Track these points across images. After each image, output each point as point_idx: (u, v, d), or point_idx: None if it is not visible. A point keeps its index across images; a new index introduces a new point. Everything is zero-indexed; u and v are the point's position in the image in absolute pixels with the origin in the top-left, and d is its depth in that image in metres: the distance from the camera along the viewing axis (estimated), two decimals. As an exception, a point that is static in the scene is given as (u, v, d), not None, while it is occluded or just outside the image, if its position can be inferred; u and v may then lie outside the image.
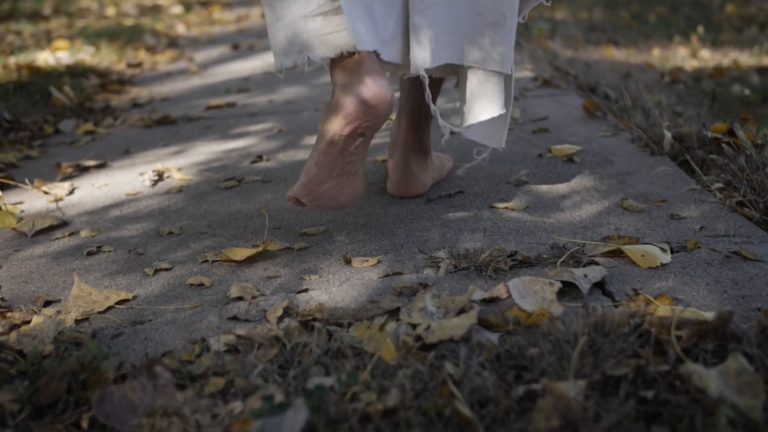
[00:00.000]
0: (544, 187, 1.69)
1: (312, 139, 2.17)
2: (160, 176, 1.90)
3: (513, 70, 1.52)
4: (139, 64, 3.54)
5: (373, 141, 2.11)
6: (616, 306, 1.15)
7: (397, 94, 2.13)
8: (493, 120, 1.57)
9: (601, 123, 2.15)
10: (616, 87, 2.58)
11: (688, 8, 6.70)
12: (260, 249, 1.42)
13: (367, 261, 1.37)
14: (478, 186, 1.72)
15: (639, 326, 1.06)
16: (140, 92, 2.99)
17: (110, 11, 5.51)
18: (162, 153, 2.14)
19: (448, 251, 1.38)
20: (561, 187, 1.68)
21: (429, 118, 1.69)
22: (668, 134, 1.88)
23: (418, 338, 1.09)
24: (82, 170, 2.03)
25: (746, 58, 3.78)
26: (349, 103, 1.31)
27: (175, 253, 1.47)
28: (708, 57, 4.08)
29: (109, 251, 1.50)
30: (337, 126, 1.34)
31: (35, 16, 5.32)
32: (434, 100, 1.69)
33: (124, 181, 1.91)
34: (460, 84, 1.54)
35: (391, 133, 1.72)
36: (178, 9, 5.50)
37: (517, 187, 1.69)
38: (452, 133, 1.78)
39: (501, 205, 1.59)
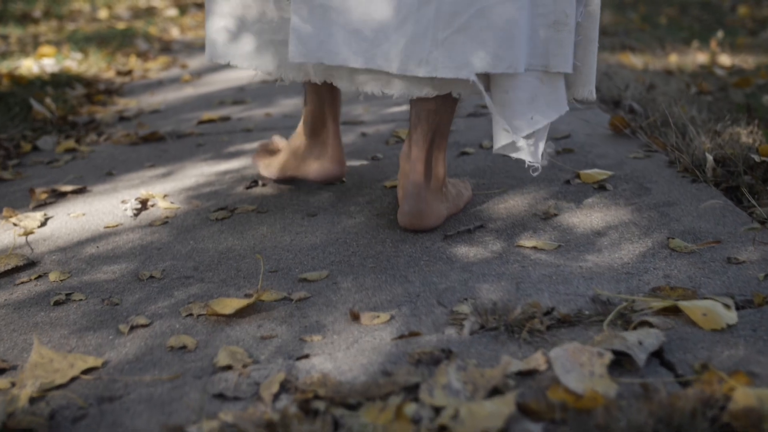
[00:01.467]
0: (576, 221, 1.49)
1: (313, 160, 1.97)
2: (144, 205, 1.71)
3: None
4: (129, 72, 3.34)
5: (381, 163, 1.91)
6: (681, 383, 0.96)
7: (400, 109, 1.96)
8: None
9: (631, 142, 1.96)
10: (641, 100, 2.38)
11: (698, 10, 6.52)
12: (253, 300, 1.22)
13: (377, 317, 1.18)
14: (501, 219, 1.52)
15: (717, 419, 0.86)
16: (128, 103, 2.79)
17: (102, 14, 5.31)
18: (148, 175, 1.94)
19: (472, 305, 1.18)
20: (595, 221, 1.48)
21: (445, 137, 1.50)
22: (710, 157, 1.68)
23: (444, 429, 0.89)
24: (59, 196, 1.83)
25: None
26: (308, 172, 1.71)
27: (156, 303, 1.27)
28: (728, 62, 3.88)
29: (80, 300, 1.30)
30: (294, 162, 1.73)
31: (25, 19, 5.13)
32: (451, 121, 1.49)
33: (103, 210, 1.72)
34: (497, 94, 1.38)
35: (401, 157, 1.52)
36: (173, 12, 5.30)
37: (546, 221, 1.50)
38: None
39: (528, 244, 1.39)
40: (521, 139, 1.41)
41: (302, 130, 1.72)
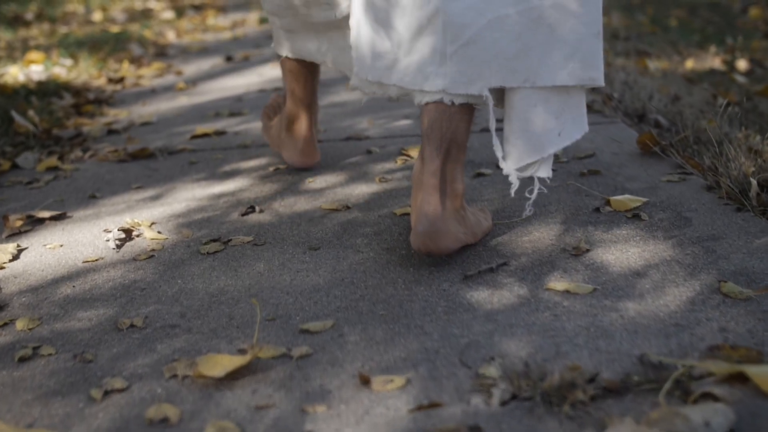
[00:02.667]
0: (611, 258, 1.32)
1: (314, 181, 1.81)
2: (128, 235, 1.54)
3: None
4: (120, 79, 3.18)
5: (389, 186, 1.75)
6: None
7: (408, 122, 1.82)
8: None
9: (663, 162, 1.79)
10: (667, 113, 2.22)
11: (707, 11, 6.36)
12: (248, 358, 1.06)
13: (391, 380, 1.01)
14: (526, 255, 1.36)
15: None
16: (119, 114, 2.63)
17: (97, 16, 5.14)
18: (134, 199, 1.78)
19: (501, 366, 1.02)
20: (632, 258, 1.32)
21: (462, 150, 1.34)
22: (754, 182, 1.52)
23: None
24: (36, 223, 1.67)
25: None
26: (284, 157, 1.89)
27: (135, 359, 1.11)
28: (746, 68, 3.72)
29: (49, 355, 1.14)
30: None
31: (16, 22, 4.97)
32: (468, 130, 1.34)
33: (83, 241, 1.55)
34: (521, 108, 1.28)
35: (414, 173, 1.35)
36: (169, 14, 5.14)
37: (576, 258, 1.33)
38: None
39: (559, 287, 1.23)
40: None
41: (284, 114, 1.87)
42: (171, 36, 4.44)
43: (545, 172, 1.35)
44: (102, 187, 1.88)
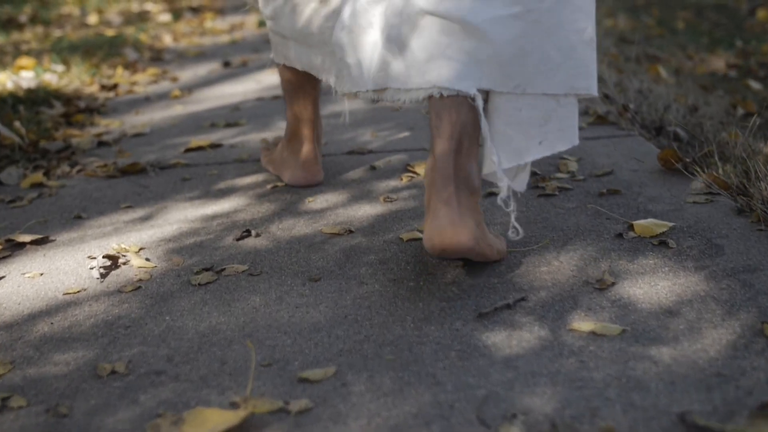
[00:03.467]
0: (639, 293, 1.21)
1: (316, 201, 1.70)
2: (114, 262, 1.43)
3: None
4: (114, 86, 3.06)
5: (395, 207, 1.64)
6: None
7: (413, 133, 1.70)
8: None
9: (686, 181, 1.68)
10: (686, 124, 2.11)
11: (714, 13, 6.26)
12: (241, 415, 0.95)
13: (401, 443, 0.90)
14: (545, 288, 1.25)
15: None
16: (110, 125, 2.52)
17: (92, 19, 5.03)
18: (123, 220, 1.67)
19: (524, 424, 0.91)
20: (663, 293, 1.21)
21: (474, 143, 1.25)
22: (789, 206, 1.41)
23: None
24: (15, 247, 1.55)
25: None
26: (284, 177, 1.80)
27: (115, 413, 1.00)
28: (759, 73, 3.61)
29: (19, 408, 1.03)
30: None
31: (9, 24, 4.85)
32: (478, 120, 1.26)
33: (66, 269, 1.44)
34: (506, 112, 1.24)
35: (426, 171, 1.26)
36: (166, 17, 5.02)
37: (601, 293, 1.22)
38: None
39: (585, 327, 1.12)
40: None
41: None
42: (167, 40, 4.33)
43: (519, 186, 1.32)
44: (89, 206, 1.77)
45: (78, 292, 1.34)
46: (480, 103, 1.21)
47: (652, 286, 1.23)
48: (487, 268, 1.32)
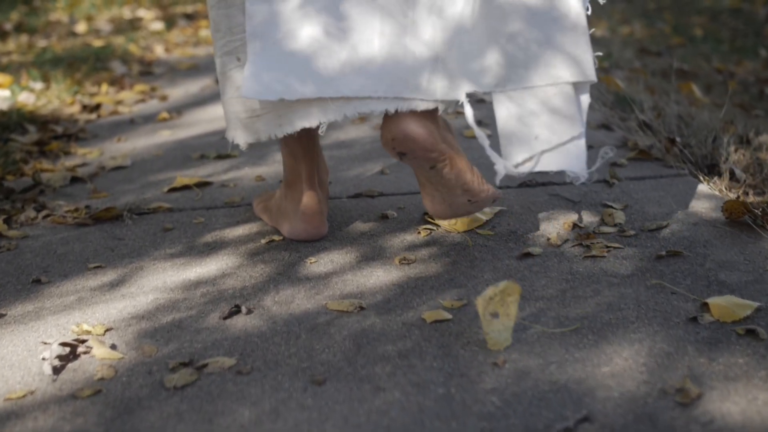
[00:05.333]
0: (736, 412, 0.95)
1: (319, 262, 1.43)
2: (73, 352, 1.17)
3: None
4: (96, 107, 2.79)
5: (413, 271, 1.37)
6: None
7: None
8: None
9: (760, 238, 1.41)
10: (739, 161, 1.84)
11: (730, 18, 6.01)
12: None
13: None
14: (611, 400, 0.98)
15: None
16: (88, 154, 2.25)
17: (81, 27, 4.75)
18: (89, 286, 1.40)
19: None
20: (766, 413, 0.94)
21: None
22: None
23: None
24: (-43, 326, 1.29)
25: None
26: (282, 229, 1.52)
27: None
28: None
29: None
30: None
31: (-6, 33, 4.59)
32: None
33: (13, 359, 1.17)
34: (497, 110, 1.27)
35: None
36: (158, 25, 4.75)
37: (685, 410, 0.95)
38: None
39: (673, 467, 0.85)
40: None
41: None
42: (159, 50, 4.06)
43: (578, 165, 1.29)
44: (52, 265, 1.50)
45: (23, 396, 1.08)
46: (469, 111, 1.28)
47: (750, 401, 0.97)
48: (534, 368, 1.06)
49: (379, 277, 1.36)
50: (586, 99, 1.27)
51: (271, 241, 1.53)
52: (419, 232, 1.53)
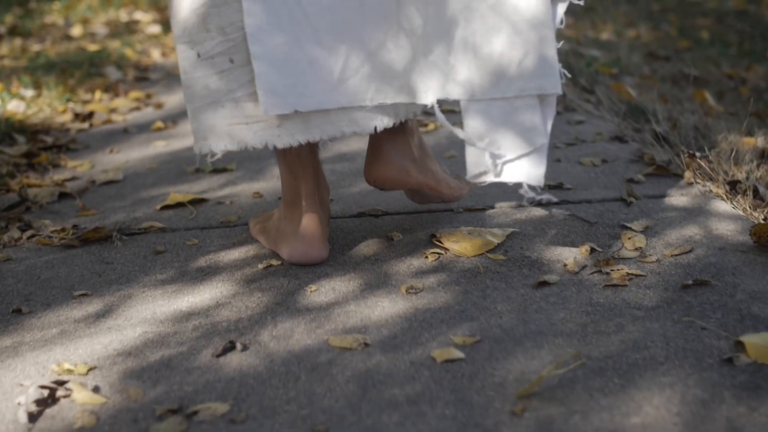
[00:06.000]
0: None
1: (320, 291, 1.34)
2: (51, 396, 1.07)
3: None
4: (89, 115, 2.70)
5: (421, 302, 1.28)
6: None
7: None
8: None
9: (792, 266, 1.32)
10: (762, 178, 1.75)
11: (736, 20, 5.93)
12: None
13: None
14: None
15: None
16: (79, 167, 2.16)
17: (76, 30, 4.65)
18: (74, 317, 1.31)
19: None
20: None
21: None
22: None
23: None
24: (-71, 363, 1.19)
25: None
26: (281, 252, 1.43)
27: None
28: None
29: None
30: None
31: (-13, 36, 4.49)
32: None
33: (-13, 402, 1.08)
34: (465, 119, 1.28)
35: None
36: (155, 28, 4.66)
37: (728, 471, 0.86)
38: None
39: None
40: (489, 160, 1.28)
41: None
42: (156, 55, 3.97)
43: (535, 179, 1.29)
44: (34, 293, 1.41)
45: (-4, 448, 0.98)
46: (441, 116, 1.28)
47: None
48: (556, 417, 0.96)
49: (385, 308, 1.27)
50: (551, 111, 1.28)
51: (268, 266, 1.44)
52: (426, 257, 1.44)
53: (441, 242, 1.48)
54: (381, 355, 1.13)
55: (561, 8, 1.26)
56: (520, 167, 1.27)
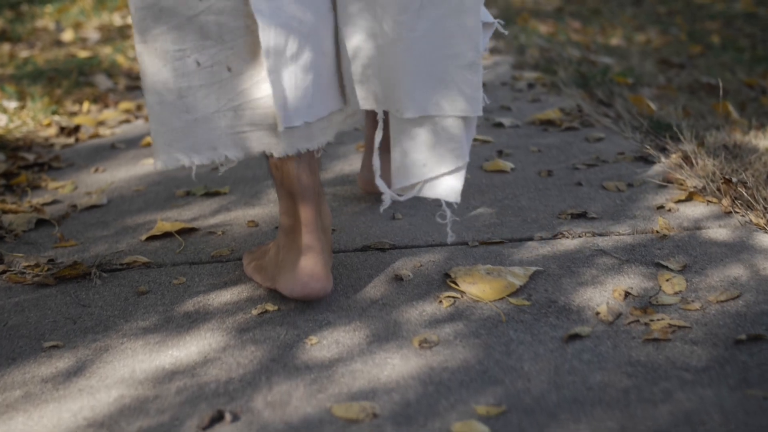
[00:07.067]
0: None
1: (321, 343, 1.18)
2: (7, 482, 0.91)
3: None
4: (75, 129, 2.54)
5: (436, 359, 1.12)
6: None
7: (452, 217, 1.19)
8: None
9: None
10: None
11: (745, 23, 5.79)
12: None
13: None
14: None
15: None
16: (61, 189, 2.00)
17: (67, 35, 4.49)
18: (41, 375, 1.15)
19: None
20: None
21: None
22: None
23: None
24: None
25: None
26: (280, 287, 1.29)
27: None
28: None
29: None
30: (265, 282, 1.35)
31: (-25, 42, 4.33)
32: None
33: (-67, 489, 0.92)
34: (395, 134, 1.30)
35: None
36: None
37: None
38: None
39: None
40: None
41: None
42: (149, 61, 3.80)
43: (452, 195, 1.31)
44: (0, 343, 1.25)
45: None
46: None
47: None
48: None
49: (396, 367, 1.11)
50: (472, 133, 1.32)
51: (263, 313, 1.28)
52: (440, 301, 1.28)
53: (456, 283, 1.33)
54: (392, 428, 0.98)
55: (487, 35, 1.31)
56: (440, 184, 1.31)
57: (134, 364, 1.16)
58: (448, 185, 1.31)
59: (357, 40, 1.25)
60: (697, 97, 3.03)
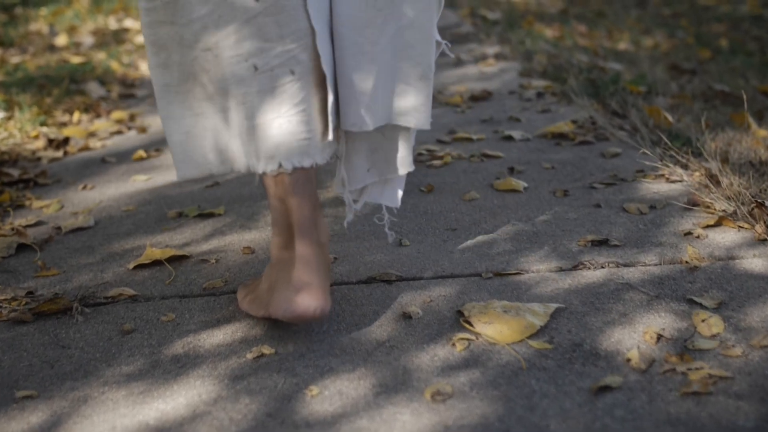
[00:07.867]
0: None
1: (323, 395, 1.07)
2: None
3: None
4: (64, 141, 2.43)
5: (450, 414, 1.00)
6: None
7: (467, 243, 1.04)
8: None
9: None
10: None
11: (752, 26, 5.68)
12: None
13: None
14: None
15: None
16: (45, 208, 1.88)
17: (61, 40, 4.37)
18: None
19: None
20: None
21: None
22: None
23: None
24: None
25: None
26: (273, 309, 1.18)
27: None
28: None
29: None
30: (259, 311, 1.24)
31: (-34, 47, 4.22)
32: None
33: None
34: (349, 143, 1.32)
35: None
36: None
37: None
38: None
39: None
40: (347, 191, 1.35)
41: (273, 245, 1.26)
42: (144, 67, 3.70)
43: (391, 201, 1.38)
44: (-32, 392, 1.13)
45: None
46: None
47: None
48: None
49: (406, 424, 0.99)
50: (413, 143, 1.34)
51: (259, 357, 1.17)
52: (454, 344, 1.17)
53: (470, 323, 1.21)
54: (404, 504, 0.86)
55: (436, 53, 1.30)
56: (382, 190, 1.37)
57: (115, 419, 1.05)
58: (389, 191, 1.37)
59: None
60: (712, 105, 2.91)
